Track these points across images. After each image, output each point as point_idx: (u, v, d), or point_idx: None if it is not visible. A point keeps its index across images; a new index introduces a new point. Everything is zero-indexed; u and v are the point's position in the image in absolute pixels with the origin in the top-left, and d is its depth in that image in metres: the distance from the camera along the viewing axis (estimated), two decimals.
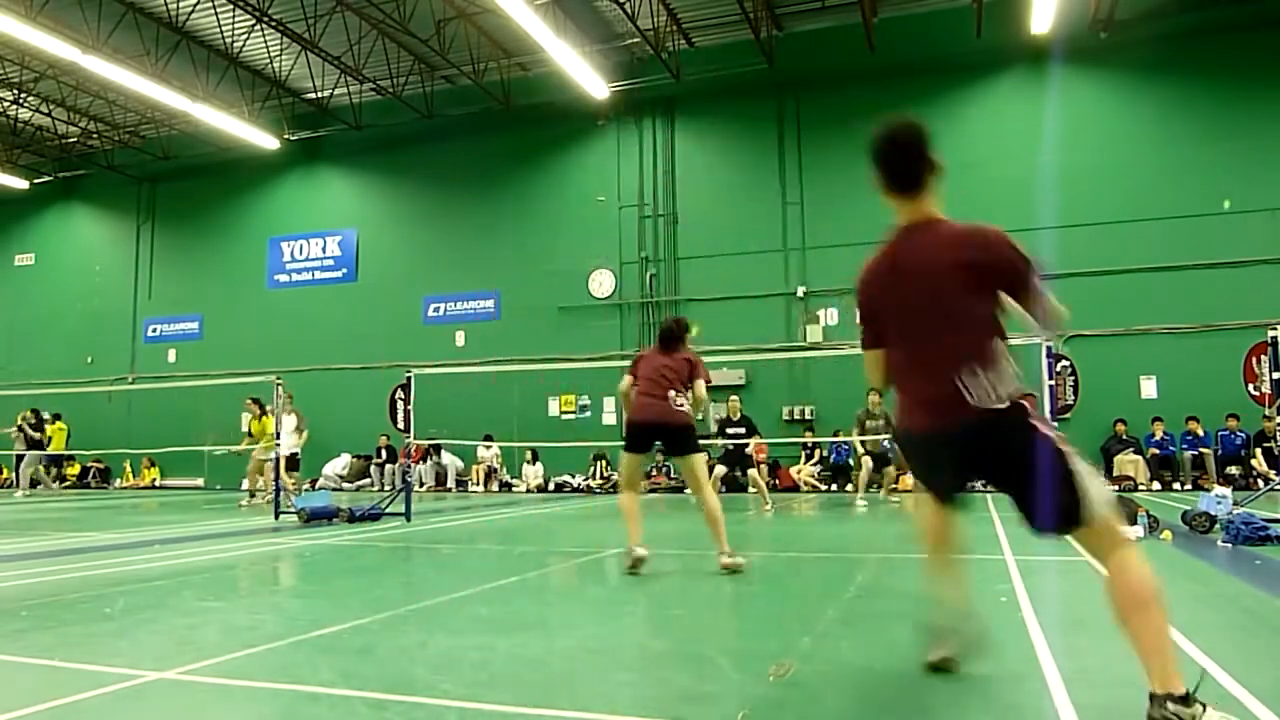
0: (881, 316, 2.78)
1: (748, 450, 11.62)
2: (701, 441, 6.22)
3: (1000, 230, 2.70)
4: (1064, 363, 15.42)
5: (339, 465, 18.93)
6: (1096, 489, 2.43)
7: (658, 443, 6.14)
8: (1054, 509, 2.43)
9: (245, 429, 13.87)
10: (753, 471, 11.45)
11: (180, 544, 7.93)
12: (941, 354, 2.58)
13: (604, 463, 17.75)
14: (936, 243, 2.70)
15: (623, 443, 6.17)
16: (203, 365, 20.97)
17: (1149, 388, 15.69)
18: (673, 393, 5.98)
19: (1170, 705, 2.24)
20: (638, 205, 18.89)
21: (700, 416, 6.68)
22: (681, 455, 6.02)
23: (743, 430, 11.38)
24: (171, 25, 17.32)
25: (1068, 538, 2.51)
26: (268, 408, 13.10)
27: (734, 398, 11.94)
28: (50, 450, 18.12)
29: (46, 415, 18.18)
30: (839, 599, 4.64)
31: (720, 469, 11.36)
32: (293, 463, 13.60)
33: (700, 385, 6.12)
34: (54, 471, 20.36)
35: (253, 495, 13.52)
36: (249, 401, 13.79)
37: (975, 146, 16.94)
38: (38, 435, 17.55)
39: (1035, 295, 2.62)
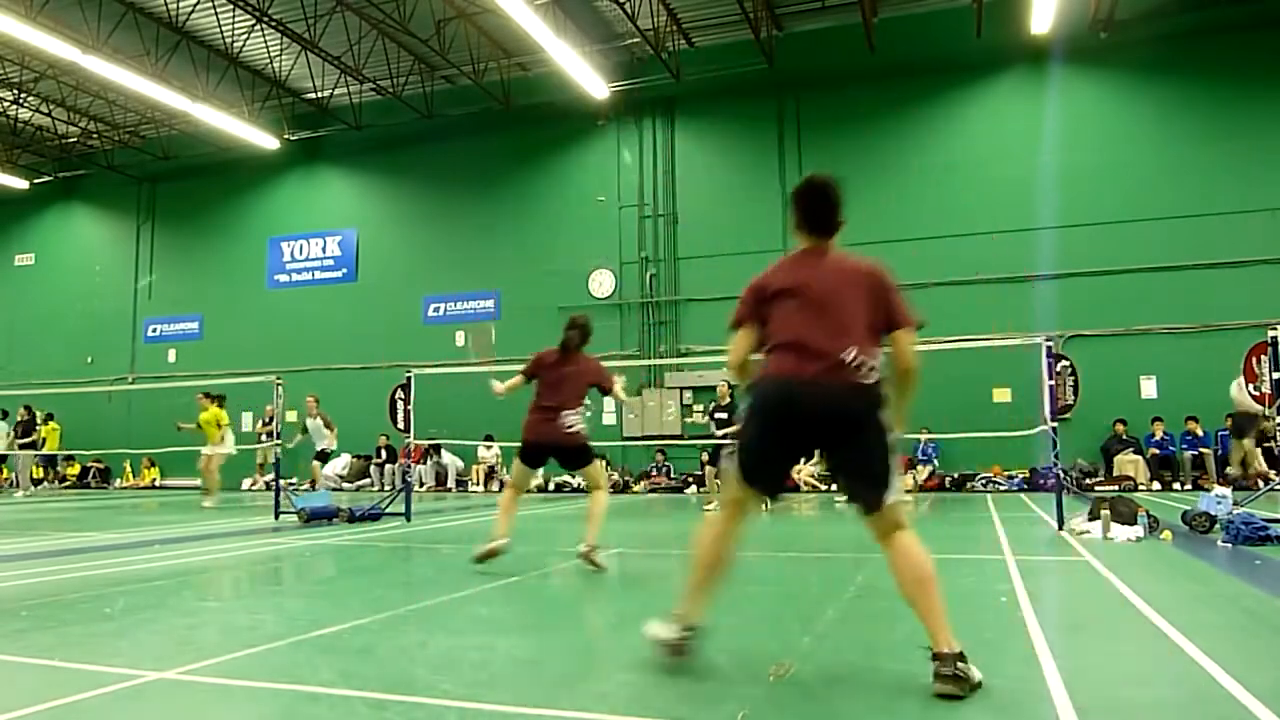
0: (776, 295, 3.20)
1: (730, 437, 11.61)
2: (702, 442, 6.23)
3: (890, 275, 3.19)
4: (1064, 363, 15.45)
5: (339, 465, 18.92)
6: (898, 480, 3.02)
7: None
8: (875, 490, 2.97)
9: (194, 424, 13.95)
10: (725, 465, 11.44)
11: (180, 544, 7.93)
12: (836, 327, 3.04)
13: (604, 463, 17.76)
14: (844, 264, 3.18)
15: (623, 443, 6.20)
16: (203, 365, 20.96)
17: (1149, 388, 15.68)
18: (566, 411, 5.82)
19: (959, 665, 2.77)
20: (638, 205, 18.89)
21: (632, 414, 6.81)
22: (579, 468, 6.11)
23: (726, 416, 11.40)
24: (171, 25, 17.32)
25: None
26: (216, 403, 13.72)
27: (723, 383, 11.98)
28: (43, 450, 18.13)
29: (39, 415, 18.19)
30: (839, 599, 4.64)
31: (711, 469, 11.37)
32: (323, 456, 14.54)
33: (617, 390, 6.19)
34: (50, 472, 20.40)
35: (208, 494, 13.64)
36: (200, 397, 13.91)
37: (975, 146, 16.96)
38: (31, 436, 17.57)
39: (904, 341, 3.09)
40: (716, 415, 11.63)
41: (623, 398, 6.20)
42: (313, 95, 20.70)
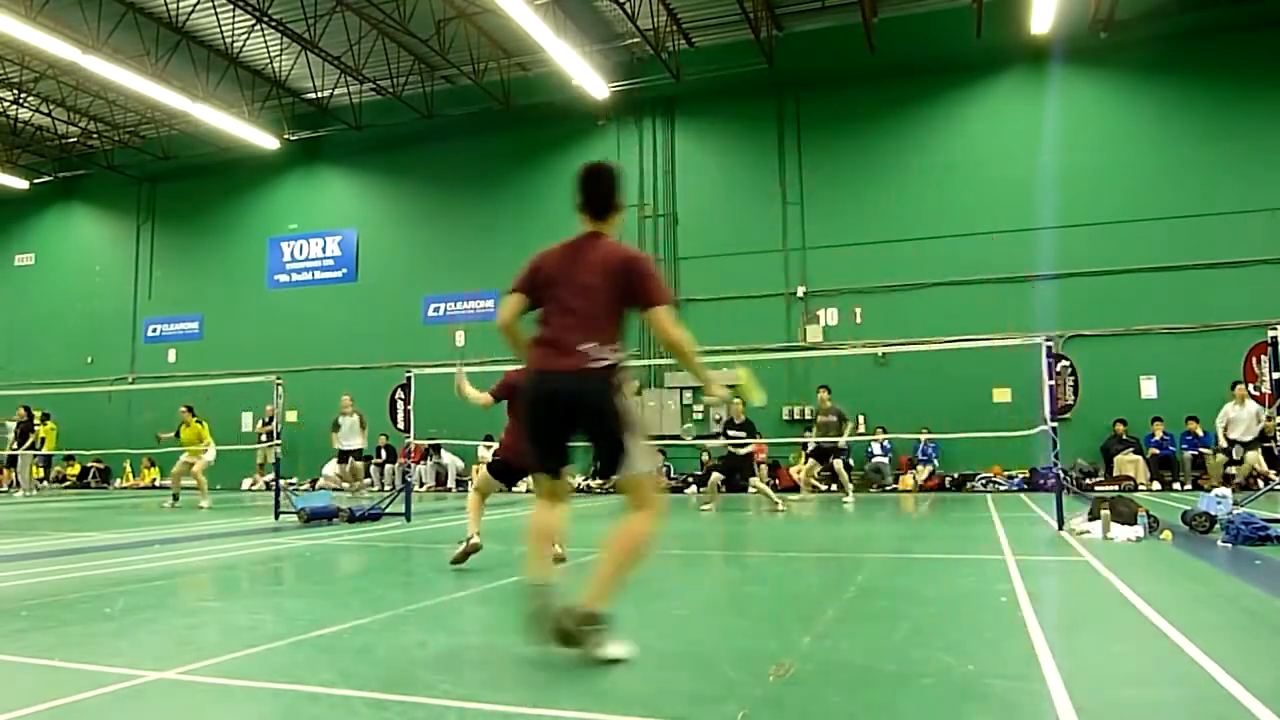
0: (545, 282, 3.56)
1: (747, 454, 11.57)
2: (702, 443, 6.29)
3: (646, 264, 3.52)
4: (1064, 363, 15.46)
5: (338, 465, 18.90)
6: (643, 455, 3.40)
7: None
8: (612, 461, 3.38)
9: (174, 433, 14.04)
10: (755, 480, 11.40)
11: (180, 544, 7.93)
12: (581, 322, 3.42)
13: None
14: (606, 254, 3.51)
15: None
16: (203, 365, 20.97)
17: (1149, 388, 15.68)
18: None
19: (585, 625, 3.15)
20: (638, 205, 18.89)
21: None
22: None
23: (743, 434, 11.36)
24: (171, 25, 17.32)
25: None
26: (198, 417, 14.02)
27: (737, 400, 11.90)
28: (41, 450, 18.15)
29: (37, 414, 18.20)
30: (839, 599, 4.64)
31: (717, 476, 11.33)
32: (356, 456, 15.31)
33: None
34: (45, 471, 20.39)
35: (176, 499, 13.73)
36: (183, 410, 14.01)
37: (975, 146, 16.96)
38: (29, 438, 17.59)
39: (659, 318, 3.44)
40: (731, 433, 11.44)
41: None
42: (313, 95, 20.69)
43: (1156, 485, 14.48)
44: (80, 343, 23.34)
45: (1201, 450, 14.69)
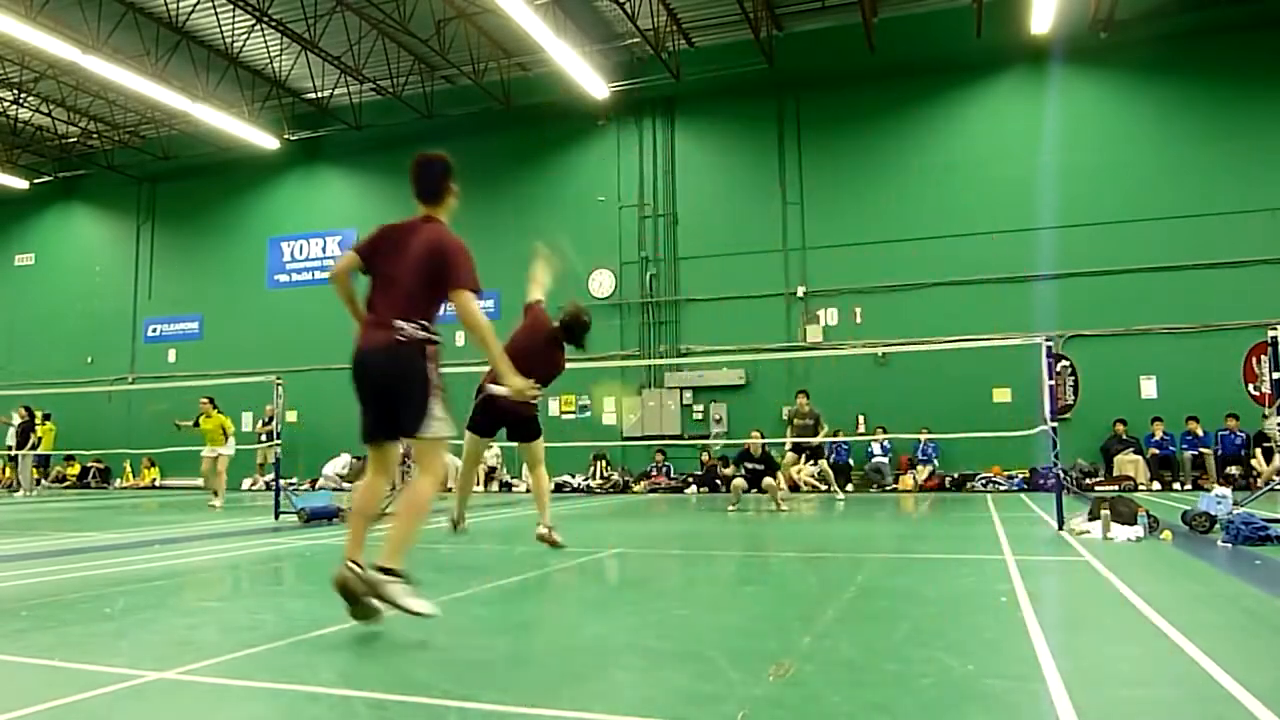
0: (377, 253, 3.93)
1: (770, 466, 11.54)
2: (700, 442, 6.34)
3: (457, 250, 3.82)
4: (1064, 363, 15.49)
5: (339, 465, 18.91)
6: (438, 420, 3.75)
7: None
8: (411, 420, 3.72)
9: (194, 424, 13.99)
10: (768, 480, 11.37)
11: (180, 544, 7.93)
12: (396, 299, 3.79)
13: (604, 462, 17.76)
14: (428, 239, 3.84)
15: (623, 443, 6.29)
16: (203, 365, 20.97)
17: (1149, 388, 15.69)
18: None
19: (379, 576, 3.53)
20: (638, 205, 18.90)
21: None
22: (527, 441, 6.52)
23: (761, 468, 11.32)
24: (171, 25, 17.32)
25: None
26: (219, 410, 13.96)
27: (755, 433, 11.84)
28: (39, 450, 18.16)
29: (38, 414, 18.21)
30: (839, 599, 4.64)
31: (740, 482, 11.27)
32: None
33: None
34: (42, 471, 20.38)
35: (216, 494, 13.63)
36: (204, 401, 13.94)
37: (975, 146, 16.96)
38: (30, 438, 17.59)
39: (460, 300, 3.77)
40: (749, 465, 11.41)
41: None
42: (313, 95, 20.70)
43: (1156, 485, 14.48)
44: (80, 343, 23.34)
45: (1201, 450, 14.70)
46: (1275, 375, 8.18)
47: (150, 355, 22.79)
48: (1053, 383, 8.34)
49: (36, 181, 24.10)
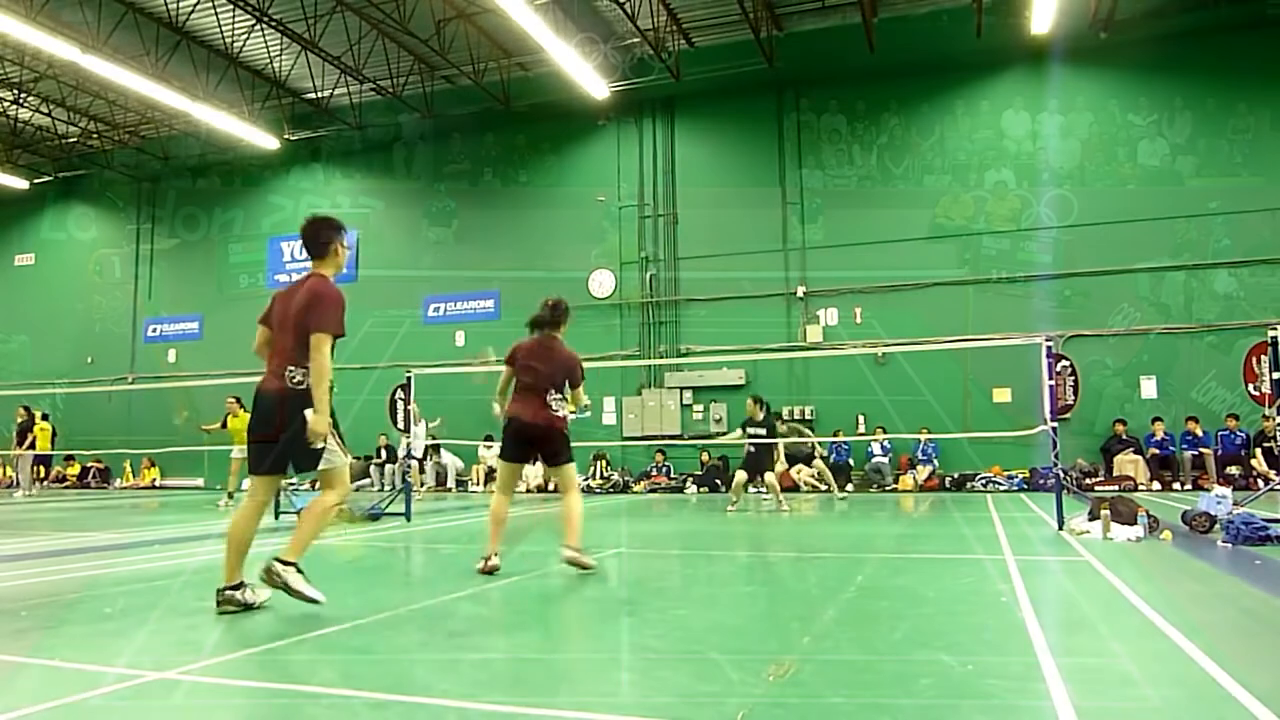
0: (273, 318, 4.50)
1: (769, 451, 11.50)
2: (725, 439, 6.18)
3: (325, 298, 4.38)
4: (1064, 363, 15.48)
5: None
6: (333, 454, 4.44)
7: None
8: (303, 462, 4.33)
9: (222, 424, 13.98)
10: (769, 476, 11.35)
11: (180, 544, 7.93)
12: (283, 351, 4.37)
13: (604, 462, 17.76)
14: (305, 290, 4.40)
15: (623, 443, 6.15)
16: (203, 365, 20.96)
17: (1149, 388, 15.69)
18: (552, 391, 5.66)
19: (278, 565, 4.19)
20: (638, 205, 18.89)
21: (585, 413, 6.54)
22: (557, 465, 5.77)
23: (764, 431, 11.31)
24: (171, 25, 17.31)
25: None
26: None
27: (750, 400, 11.81)
28: (35, 450, 18.14)
29: (37, 414, 18.20)
30: (839, 599, 4.64)
31: (741, 475, 11.22)
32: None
33: (581, 391, 5.89)
34: (40, 471, 20.35)
35: (231, 496, 13.58)
36: (230, 401, 13.93)
37: (975, 146, 16.96)
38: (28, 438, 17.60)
39: (312, 342, 4.31)
40: (752, 431, 11.36)
41: (584, 400, 6.00)
42: (313, 95, 20.67)
43: (1156, 485, 14.48)
44: (80, 343, 23.33)
45: (1201, 450, 14.70)
46: (1275, 375, 8.18)
47: (150, 355, 22.79)
48: (1053, 383, 8.34)
49: (36, 181, 24.09)
